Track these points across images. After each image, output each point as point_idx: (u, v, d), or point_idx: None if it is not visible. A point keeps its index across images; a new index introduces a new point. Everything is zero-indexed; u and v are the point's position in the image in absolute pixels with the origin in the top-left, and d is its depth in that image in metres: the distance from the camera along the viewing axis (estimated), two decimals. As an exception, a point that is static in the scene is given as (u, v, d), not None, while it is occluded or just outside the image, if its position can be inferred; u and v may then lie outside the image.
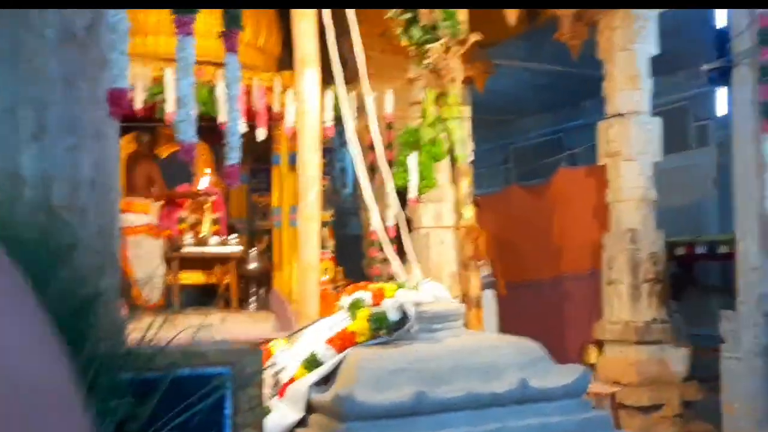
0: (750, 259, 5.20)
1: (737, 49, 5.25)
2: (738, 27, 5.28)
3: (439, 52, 6.68)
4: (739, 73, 5.32)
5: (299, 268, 5.53)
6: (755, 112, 5.12)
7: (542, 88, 13.47)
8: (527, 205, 9.66)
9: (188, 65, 3.45)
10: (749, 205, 5.20)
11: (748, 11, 5.13)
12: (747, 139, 5.22)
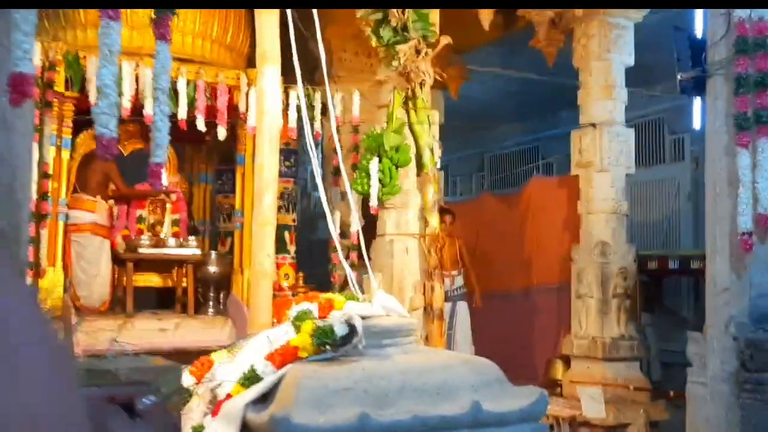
0: (719, 279, 5.02)
1: (712, 59, 5.08)
2: (714, 36, 5.11)
3: (409, 54, 6.44)
4: (713, 83, 5.14)
5: (252, 274, 5.26)
6: (729, 124, 4.94)
7: (518, 95, 13.32)
8: (499, 213, 9.48)
9: (112, 53, 3.19)
10: (720, 223, 5.02)
11: (724, 19, 4.96)
12: (720, 153, 5.04)
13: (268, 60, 5.17)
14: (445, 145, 17.27)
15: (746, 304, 4.88)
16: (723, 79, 5.01)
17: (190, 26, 7.47)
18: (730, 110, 4.98)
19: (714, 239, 5.10)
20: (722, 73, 4.98)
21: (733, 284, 4.98)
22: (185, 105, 6.45)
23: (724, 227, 5.00)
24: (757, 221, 4.82)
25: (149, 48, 7.29)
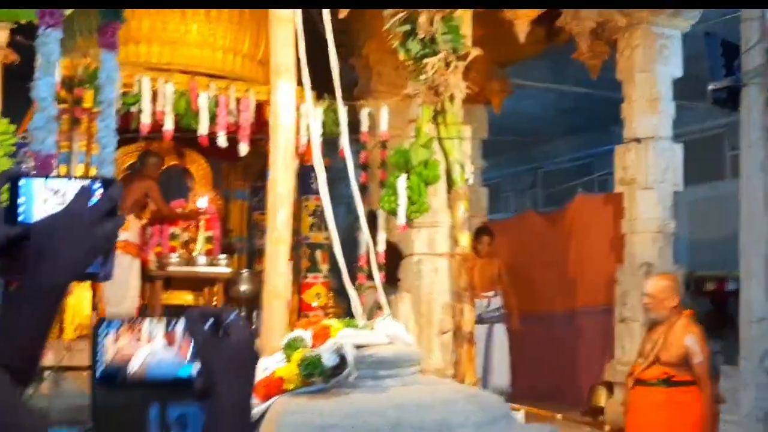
0: (754, 308, 4.61)
1: (746, 67, 4.69)
2: (747, 42, 4.72)
3: (438, 67, 6.21)
4: (747, 93, 4.74)
5: (264, 295, 5.09)
6: (765, 138, 4.54)
7: (568, 110, 12.94)
8: (543, 231, 9.13)
9: (50, 63, 3.03)
10: (755, 245, 4.61)
11: (759, 24, 4.57)
12: (755, 169, 4.64)
13: (282, 74, 5.02)
14: (497, 161, 17.08)
15: None
16: (758, 89, 4.62)
17: (220, 41, 7.39)
18: (766, 122, 4.59)
19: (749, 263, 4.70)
20: (757, 83, 4.59)
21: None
22: (206, 121, 6.34)
23: (759, 249, 4.59)
24: None
25: (179, 63, 7.32)
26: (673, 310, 4.81)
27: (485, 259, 7.93)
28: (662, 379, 4.84)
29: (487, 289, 7.92)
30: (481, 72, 9.79)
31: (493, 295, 8.02)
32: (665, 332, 4.76)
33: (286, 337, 3.60)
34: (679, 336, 4.73)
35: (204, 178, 8.57)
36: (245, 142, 6.48)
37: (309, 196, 7.99)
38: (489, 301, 7.99)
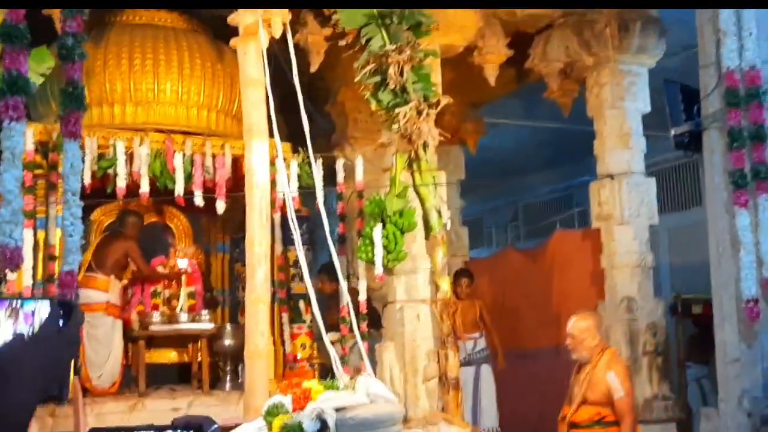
0: (728, 349, 4.65)
1: (706, 112, 4.79)
2: (706, 87, 4.82)
3: (410, 115, 6.28)
4: (708, 137, 4.84)
5: (246, 355, 5.07)
6: (727, 180, 4.62)
7: (544, 144, 13.08)
8: (524, 268, 9.18)
9: (15, 156, 3.05)
10: (726, 287, 4.67)
11: (715, 69, 4.68)
12: (720, 211, 4.71)
13: (255, 134, 5.06)
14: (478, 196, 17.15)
15: (759, 375, 4.50)
16: (718, 133, 4.71)
17: (194, 98, 7.44)
18: (727, 165, 4.67)
19: (721, 305, 4.75)
20: (717, 127, 4.68)
21: (743, 354, 4.60)
22: (182, 181, 6.37)
23: (729, 291, 4.64)
24: (764, 286, 4.47)
25: (154, 122, 7.36)
26: (595, 348, 4.83)
27: (466, 301, 7.99)
28: (595, 421, 4.85)
29: (470, 331, 7.97)
30: (455, 114, 9.91)
31: (477, 336, 8.06)
32: (590, 372, 4.79)
33: (266, 403, 3.60)
34: (602, 374, 4.76)
35: (184, 233, 8.56)
36: (222, 200, 6.51)
37: (291, 247, 8.01)
38: (474, 342, 8.03)
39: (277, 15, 4.95)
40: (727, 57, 4.62)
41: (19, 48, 3.86)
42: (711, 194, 4.89)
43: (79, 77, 3.57)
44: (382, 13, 6.20)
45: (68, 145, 3.46)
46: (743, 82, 4.60)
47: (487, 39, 7.12)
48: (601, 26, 7.26)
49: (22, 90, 3.57)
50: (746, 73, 4.59)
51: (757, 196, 4.53)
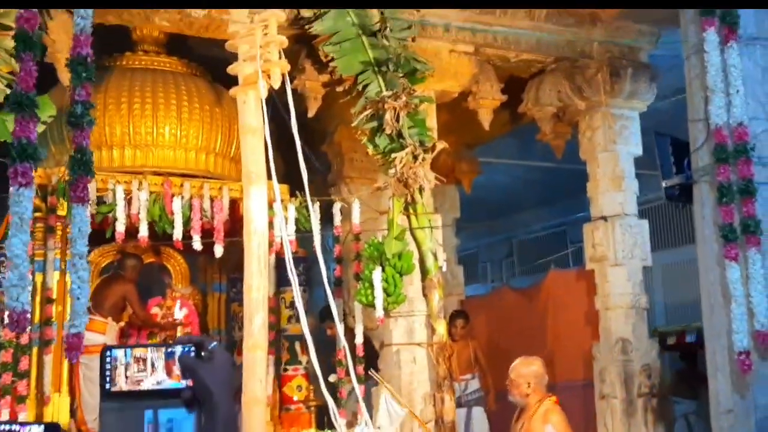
0: (722, 399, 4.70)
1: (696, 165, 4.90)
2: (695, 141, 4.94)
3: (406, 160, 6.38)
4: (699, 190, 4.94)
5: (244, 402, 5.09)
6: (718, 233, 4.71)
7: (538, 182, 13.22)
8: (518, 307, 9.22)
9: (23, 221, 3.11)
10: (719, 339, 4.73)
11: (703, 124, 4.80)
12: (712, 263, 4.80)
13: (254, 181, 5.12)
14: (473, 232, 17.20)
15: (752, 427, 4.55)
16: (708, 187, 4.82)
17: (192, 142, 7.53)
18: (717, 219, 4.77)
19: (714, 356, 4.81)
20: (707, 180, 4.79)
21: (736, 405, 4.65)
22: (181, 225, 6.43)
23: (722, 343, 4.71)
24: (756, 338, 4.54)
25: (152, 165, 7.43)
26: (529, 397, 4.70)
27: (461, 343, 7.98)
28: None
29: (464, 373, 7.97)
30: (450, 155, 10.03)
31: (470, 377, 8.08)
32: (526, 423, 4.69)
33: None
34: (538, 425, 4.62)
35: (181, 273, 8.61)
36: (220, 244, 6.56)
37: (286, 288, 8.05)
38: (467, 384, 8.04)
39: (276, 65, 5.04)
40: (715, 114, 4.74)
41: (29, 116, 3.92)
42: (702, 247, 4.98)
43: (87, 144, 3.65)
44: (378, 60, 6.32)
45: (76, 210, 3.52)
46: (731, 138, 4.71)
47: (481, 84, 7.24)
48: (593, 72, 7.40)
49: (32, 157, 3.65)
50: (734, 129, 4.71)
51: (746, 249, 4.62)
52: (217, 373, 1.28)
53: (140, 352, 1.32)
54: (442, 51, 6.96)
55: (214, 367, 1.28)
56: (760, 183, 4.69)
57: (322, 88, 6.74)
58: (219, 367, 1.28)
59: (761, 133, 4.75)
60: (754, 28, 4.85)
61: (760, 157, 4.72)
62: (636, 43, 7.39)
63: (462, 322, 8.14)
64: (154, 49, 7.99)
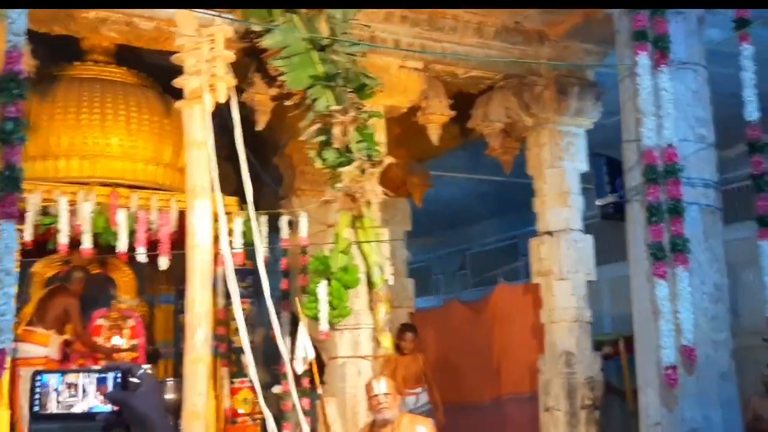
0: (651, 413, 4.82)
1: (629, 185, 5.02)
2: (629, 161, 5.07)
3: (354, 174, 6.42)
4: (631, 209, 5.07)
5: (184, 415, 5.08)
6: (648, 252, 4.84)
7: (489, 195, 13.38)
8: (467, 321, 9.30)
9: None
10: (648, 354, 4.85)
11: (636, 145, 4.92)
12: (642, 281, 4.92)
13: (198, 194, 5.14)
14: (426, 245, 17.21)
15: None
16: (639, 206, 4.95)
17: (141, 153, 7.47)
18: (647, 237, 4.89)
19: (644, 372, 4.93)
20: (638, 200, 4.92)
21: (664, 419, 4.77)
22: (125, 237, 6.38)
23: (651, 358, 4.83)
24: (683, 353, 4.66)
25: (100, 176, 7.36)
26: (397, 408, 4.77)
27: (410, 356, 7.94)
28: None
29: (412, 386, 7.92)
30: (401, 168, 10.08)
31: (420, 391, 8.01)
32: None
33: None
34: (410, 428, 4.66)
35: (127, 285, 8.52)
36: (166, 257, 6.53)
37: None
38: (417, 397, 7.97)
39: (221, 80, 5.07)
40: (646, 136, 4.86)
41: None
42: (633, 265, 5.10)
43: (17, 160, 3.61)
44: (328, 74, 6.36)
45: (4, 226, 3.48)
46: (662, 159, 4.84)
47: (430, 100, 7.32)
48: (540, 89, 7.53)
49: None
50: (664, 150, 4.83)
51: (675, 267, 4.74)
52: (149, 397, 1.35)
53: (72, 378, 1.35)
54: (392, 66, 7.02)
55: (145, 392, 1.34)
56: (689, 203, 4.82)
57: (271, 102, 6.75)
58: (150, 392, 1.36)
59: (691, 155, 4.89)
60: (684, 53, 5.00)
61: (689, 177, 4.86)
62: (583, 61, 7.54)
63: (411, 335, 8.08)
64: (104, 58, 7.92)
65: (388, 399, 4.69)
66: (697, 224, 4.88)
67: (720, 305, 4.88)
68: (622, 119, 5.22)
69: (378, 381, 4.81)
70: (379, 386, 4.73)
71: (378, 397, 4.69)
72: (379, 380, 4.83)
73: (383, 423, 4.68)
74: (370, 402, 4.77)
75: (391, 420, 4.66)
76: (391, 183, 10.12)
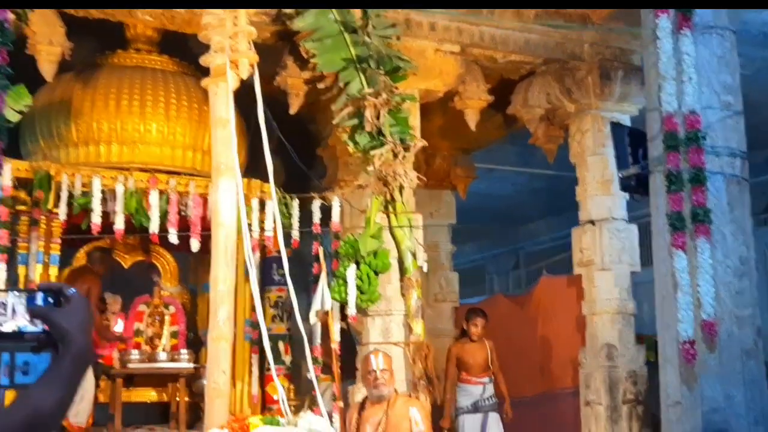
0: (670, 392, 4.57)
1: (652, 155, 4.79)
2: (651, 131, 4.83)
3: (386, 158, 6.34)
4: (654, 181, 4.83)
5: (207, 393, 5.07)
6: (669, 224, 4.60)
7: (542, 191, 13.09)
8: (511, 315, 9.10)
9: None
10: (668, 330, 4.61)
11: (659, 113, 4.69)
12: (664, 254, 4.68)
13: (223, 172, 5.13)
14: (480, 243, 17.04)
15: (699, 420, 4.41)
16: (662, 176, 4.71)
17: (180, 139, 7.54)
18: (667, 207, 4.65)
19: (664, 348, 4.69)
20: (661, 170, 4.68)
21: (684, 397, 4.51)
22: (157, 218, 6.43)
23: (671, 334, 4.58)
24: (703, 328, 4.41)
25: (139, 161, 7.46)
26: None
27: (477, 343, 7.37)
28: None
29: (479, 375, 7.34)
30: (445, 159, 9.99)
31: (487, 381, 7.37)
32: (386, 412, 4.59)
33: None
34: (403, 410, 4.59)
35: (170, 272, 8.62)
36: (196, 238, 6.56)
37: (271, 287, 8.04)
38: (484, 387, 7.34)
39: (244, 56, 5.05)
40: (666, 101, 4.64)
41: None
42: (656, 238, 4.86)
43: (1, 107, 3.64)
44: (360, 57, 6.30)
45: None
46: (683, 126, 4.60)
47: (467, 84, 7.18)
48: (583, 74, 7.32)
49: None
50: (686, 117, 4.59)
51: (695, 238, 4.50)
52: (72, 314, 1.35)
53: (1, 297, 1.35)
54: (428, 50, 6.91)
55: (70, 309, 1.35)
56: (713, 172, 4.58)
57: (304, 85, 6.72)
58: (74, 310, 1.35)
59: (716, 122, 4.64)
60: (711, 16, 4.75)
61: (714, 146, 4.61)
62: (628, 45, 7.30)
63: (482, 321, 7.42)
64: (147, 47, 8.03)
65: (385, 375, 4.63)
66: (722, 194, 4.62)
67: (745, 280, 4.61)
68: (646, 87, 5.00)
69: (376, 356, 4.75)
70: (377, 361, 4.67)
71: (376, 372, 4.64)
72: (377, 355, 4.76)
73: (378, 399, 4.62)
74: (367, 377, 4.72)
75: (386, 397, 4.60)
76: (435, 174, 10.05)
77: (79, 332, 1.35)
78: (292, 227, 6.95)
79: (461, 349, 7.38)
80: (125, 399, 7.50)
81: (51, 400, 1.29)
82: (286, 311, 8.03)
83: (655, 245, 4.86)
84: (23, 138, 7.56)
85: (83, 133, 7.33)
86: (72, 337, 1.34)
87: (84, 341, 1.35)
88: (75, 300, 1.39)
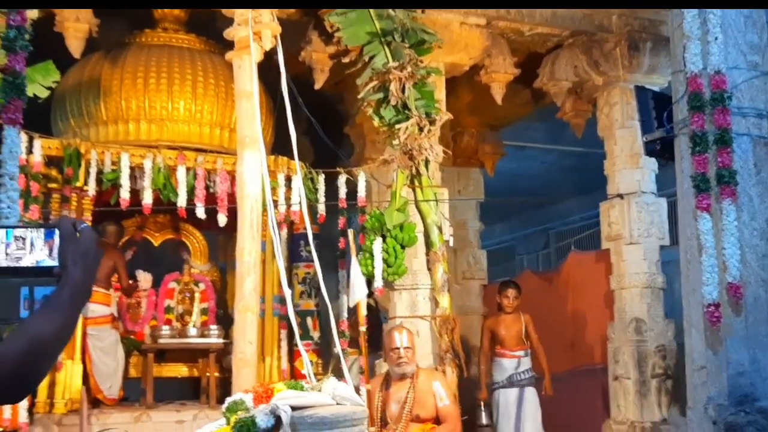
0: (695, 357, 4.52)
1: (677, 118, 4.71)
2: (677, 93, 4.75)
3: (411, 131, 6.33)
4: (679, 144, 4.75)
5: (234, 363, 5.13)
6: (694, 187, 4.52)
7: (573, 169, 12.97)
8: (540, 291, 9.06)
9: None
10: (693, 294, 4.54)
11: (684, 75, 4.61)
12: (689, 217, 4.60)
13: (247, 145, 5.16)
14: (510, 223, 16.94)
15: (725, 383, 4.35)
16: (687, 139, 4.63)
17: (207, 117, 7.60)
18: (691, 168, 4.57)
19: (689, 312, 4.63)
20: (686, 133, 4.60)
21: (709, 361, 4.45)
22: (184, 194, 6.50)
23: (697, 298, 4.51)
24: (728, 291, 4.35)
25: (167, 139, 7.53)
26: None
27: (512, 315, 7.28)
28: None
29: (514, 348, 7.24)
30: (473, 136, 9.95)
31: (523, 354, 7.23)
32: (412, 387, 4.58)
33: (227, 400, 3.65)
34: (427, 385, 4.59)
35: (200, 250, 8.70)
36: (223, 213, 6.61)
37: (298, 264, 8.09)
38: (519, 361, 7.22)
39: (266, 27, 5.07)
40: (690, 61, 4.56)
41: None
42: (681, 201, 4.79)
43: (21, 68, 3.68)
44: (385, 30, 6.28)
45: (8, 132, 3.57)
46: (708, 86, 4.52)
47: (493, 58, 7.13)
48: (611, 46, 7.23)
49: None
50: (711, 77, 4.50)
51: (721, 200, 4.43)
52: (78, 247, 1.38)
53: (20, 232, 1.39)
54: (453, 23, 6.86)
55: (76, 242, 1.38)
56: (738, 134, 4.49)
57: (329, 60, 6.73)
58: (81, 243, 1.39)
59: (742, 83, 4.55)
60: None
61: (740, 107, 4.52)
62: (656, 15, 7.19)
63: (514, 292, 7.33)
64: (174, 26, 8.10)
65: (409, 353, 4.62)
66: (748, 156, 4.54)
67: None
68: (671, 49, 4.92)
69: (401, 333, 4.74)
70: (401, 338, 4.66)
71: (399, 350, 4.64)
72: (401, 332, 4.75)
73: (400, 377, 4.62)
74: (391, 354, 4.71)
75: (408, 374, 4.60)
76: (462, 152, 10.02)
77: (78, 264, 1.37)
78: (318, 202, 6.98)
79: (495, 322, 7.38)
80: (157, 374, 7.61)
81: (50, 327, 1.31)
82: (314, 287, 8.07)
83: (681, 209, 4.80)
84: (54, 117, 7.67)
85: (112, 111, 7.42)
86: (71, 268, 1.37)
87: (80, 273, 1.37)
88: (84, 234, 1.42)
